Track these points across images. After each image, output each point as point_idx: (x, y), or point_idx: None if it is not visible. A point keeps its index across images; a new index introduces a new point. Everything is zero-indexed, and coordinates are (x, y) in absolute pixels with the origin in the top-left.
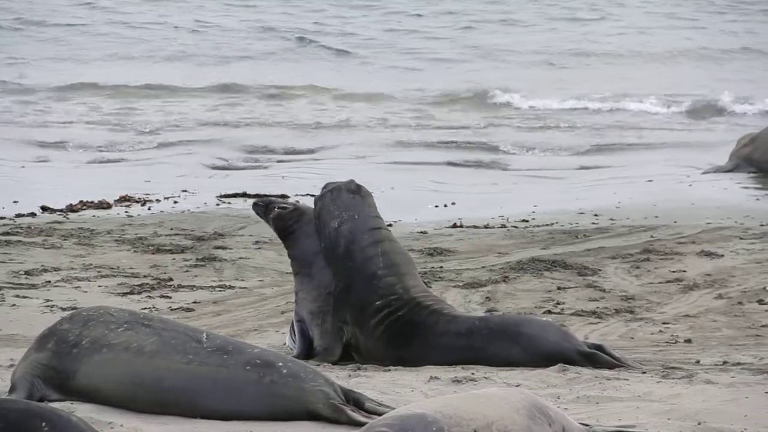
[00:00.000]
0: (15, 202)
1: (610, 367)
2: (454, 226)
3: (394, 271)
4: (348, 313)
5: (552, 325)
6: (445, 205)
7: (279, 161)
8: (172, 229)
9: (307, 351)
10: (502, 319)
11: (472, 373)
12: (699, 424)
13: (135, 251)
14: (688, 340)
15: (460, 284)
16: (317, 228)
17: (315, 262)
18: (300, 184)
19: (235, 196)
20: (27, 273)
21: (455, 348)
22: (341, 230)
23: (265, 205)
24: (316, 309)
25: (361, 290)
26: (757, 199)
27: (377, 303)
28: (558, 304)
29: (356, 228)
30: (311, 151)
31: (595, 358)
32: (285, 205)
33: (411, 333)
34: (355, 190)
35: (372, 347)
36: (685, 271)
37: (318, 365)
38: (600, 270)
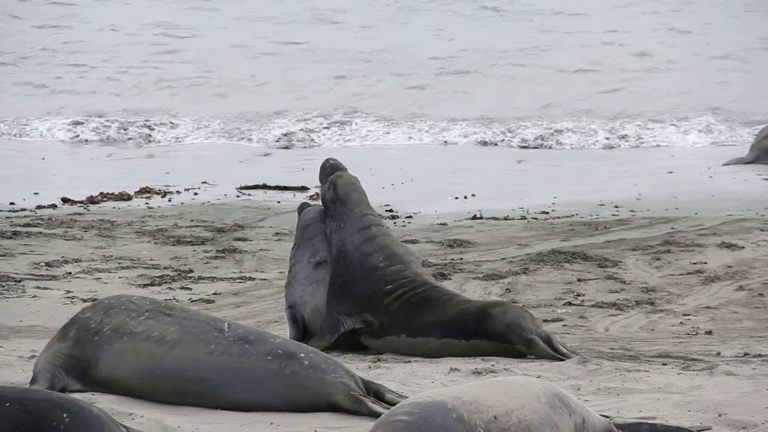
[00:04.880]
0: (36, 193)
1: (548, 358)
2: (474, 217)
3: (397, 260)
4: (353, 305)
5: (515, 309)
6: (465, 197)
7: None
8: (192, 220)
9: (300, 337)
10: (484, 304)
11: (492, 365)
12: (720, 415)
13: (155, 243)
14: (709, 332)
15: (480, 276)
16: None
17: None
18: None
19: (255, 187)
20: (48, 264)
21: (448, 326)
22: (332, 238)
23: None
24: (306, 283)
25: (364, 283)
26: None
27: (387, 287)
28: (578, 295)
29: (345, 234)
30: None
31: (531, 344)
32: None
33: (427, 306)
34: (333, 197)
35: (387, 321)
36: (705, 262)
37: (338, 356)
38: (620, 262)
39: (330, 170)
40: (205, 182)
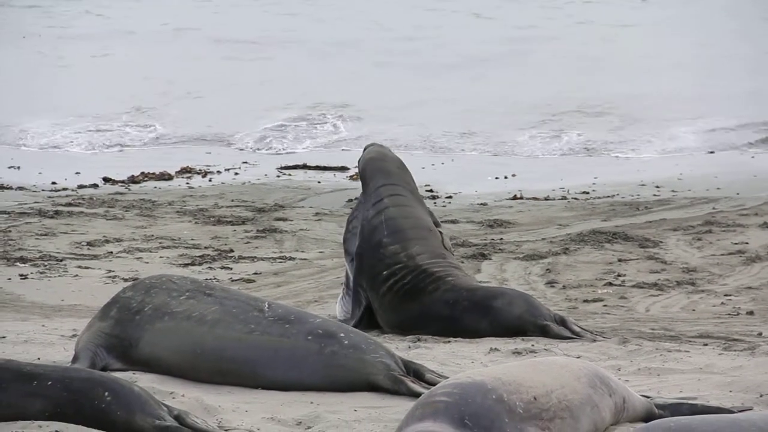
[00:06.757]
0: (77, 173)
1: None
2: (515, 197)
3: (399, 237)
4: (364, 280)
5: (521, 298)
6: (506, 177)
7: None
8: (232, 200)
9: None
10: (484, 291)
11: (532, 345)
12: (761, 396)
13: (196, 222)
14: (750, 312)
15: (521, 256)
16: None
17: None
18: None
19: (295, 167)
20: (89, 244)
21: (441, 317)
22: (355, 212)
23: None
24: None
25: (371, 259)
26: None
27: (384, 273)
28: (619, 276)
29: (362, 209)
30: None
31: (546, 330)
32: None
33: (412, 299)
34: (358, 172)
35: (380, 313)
36: (747, 242)
37: (378, 336)
38: (661, 242)
39: (366, 147)
40: (245, 162)
